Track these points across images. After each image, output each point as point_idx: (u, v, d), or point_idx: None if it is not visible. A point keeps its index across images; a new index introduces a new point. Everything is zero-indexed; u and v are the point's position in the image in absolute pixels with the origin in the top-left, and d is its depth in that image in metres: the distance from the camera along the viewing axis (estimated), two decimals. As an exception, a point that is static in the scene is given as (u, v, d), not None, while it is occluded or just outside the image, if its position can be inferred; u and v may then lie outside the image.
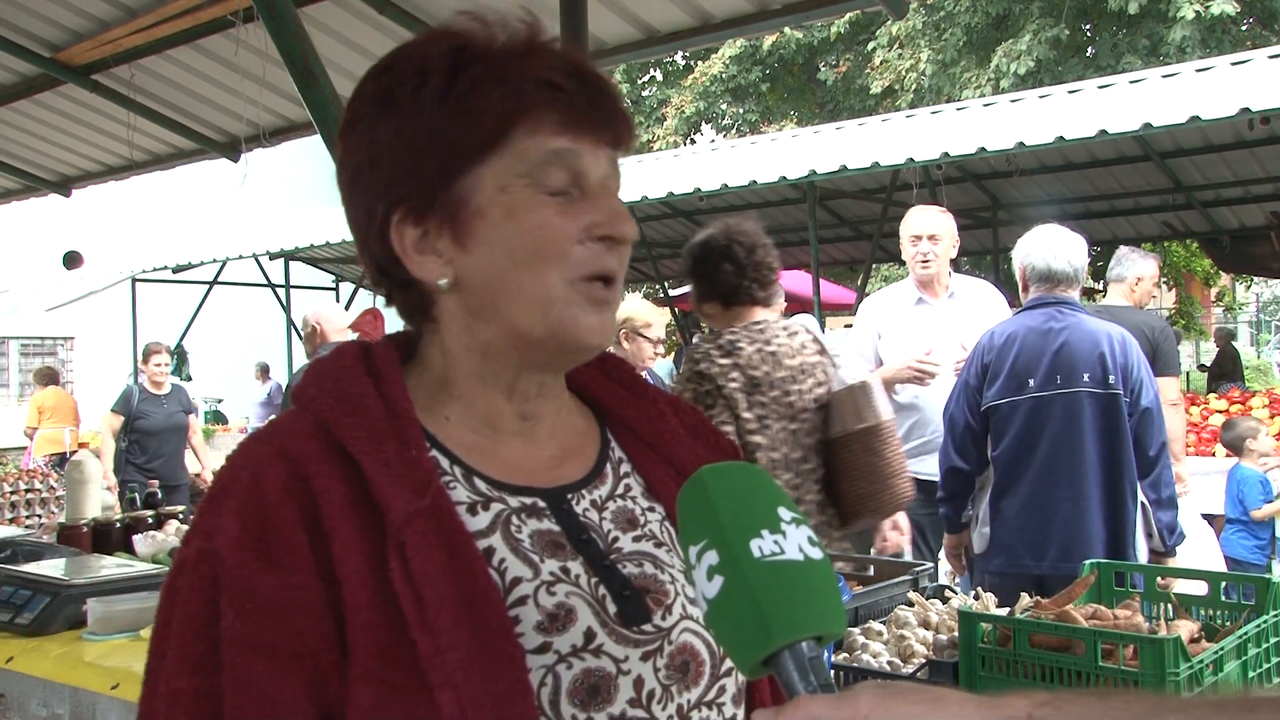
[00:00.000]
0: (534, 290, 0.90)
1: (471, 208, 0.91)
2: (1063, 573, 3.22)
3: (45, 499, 5.48)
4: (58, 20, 4.86)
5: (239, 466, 0.88)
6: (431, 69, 0.90)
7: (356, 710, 0.80)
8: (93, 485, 3.86)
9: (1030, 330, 3.42)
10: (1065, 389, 3.33)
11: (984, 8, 15.45)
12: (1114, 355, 3.35)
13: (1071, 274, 3.47)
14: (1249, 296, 25.72)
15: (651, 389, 1.09)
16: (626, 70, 19.51)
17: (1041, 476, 3.34)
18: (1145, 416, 3.37)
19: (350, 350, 0.97)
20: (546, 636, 0.86)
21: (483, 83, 0.89)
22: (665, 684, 0.90)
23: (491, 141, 0.90)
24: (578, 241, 0.91)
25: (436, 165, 0.90)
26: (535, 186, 0.90)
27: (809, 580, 0.76)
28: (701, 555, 0.77)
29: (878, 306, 4.38)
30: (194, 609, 0.83)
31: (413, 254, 0.92)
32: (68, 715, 2.53)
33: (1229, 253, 11.30)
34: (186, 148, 6.27)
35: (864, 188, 10.14)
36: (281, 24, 3.57)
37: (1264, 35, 14.84)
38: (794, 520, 0.78)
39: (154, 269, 13.43)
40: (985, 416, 3.46)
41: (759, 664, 0.74)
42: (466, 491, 0.92)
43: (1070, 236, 3.54)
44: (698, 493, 0.80)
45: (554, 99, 0.90)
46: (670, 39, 4.69)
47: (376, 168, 0.92)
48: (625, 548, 0.95)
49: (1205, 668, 1.83)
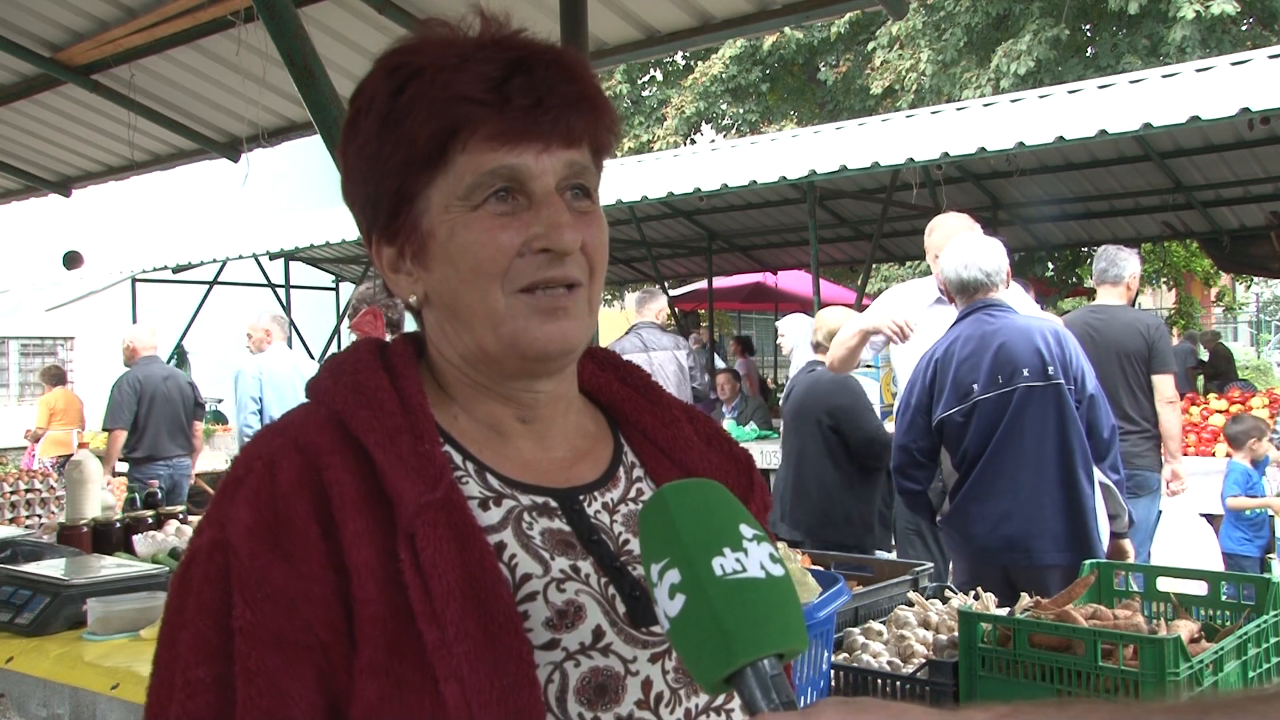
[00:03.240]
0: (481, 306, 0.91)
1: (424, 229, 0.92)
2: (1026, 565, 3.34)
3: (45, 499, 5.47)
4: (58, 20, 4.85)
5: (254, 456, 0.89)
6: (377, 92, 0.92)
7: (362, 702, 0.80)
8: (93, 485, 3.86)
9: (965, 339, 3.51)
10: (1007, 387, 3.40)
11: (984, 8, 15.44)
12: (1049, 348, 3.42)
13: (984, 280, 3.55)
14: (1249, 296, 25.71)
15: (666, 395, 1.09)
16: (626, 70, 19.50)
17: (997, 475, 3.40)
18: (1092, 403, 3.45)
19: (367, 345, 0.98)
20: (555, 633, 0.86)
21: (415, 104, 0.90)
22: (674, 687, 0.90)
23: (430, 163, 0.90)
24: (518, 254, 0.90)
25: (389, 189, 0.92)
26: (472, 204, 0.90)
27: (770, 598, 0.75)
28: (664, 574, 0.77)
29: (898, 297, 4.44)
30: (208, 598, 0.83)
31: (389, 272, 0.96)
32: (68, 715, 2.53)
33: (1229, 253, 11.30)
34: (186, 148, 6.27)
35: (864, 188, 10.13)
36: (281, 24, 3.57)
37: (1264, 35, 14.83)
38: (755, 537, 0.78)
39: (154, 269, 13.42)
40: (938, 432, 3.52)
41: (721, 682, 0.74)
42: (479, 487, 0.92)
43: (983, 243, 3.63)
44: (659, 511, 0.80)
45: (482, 114, 0.89)
46: (670, 39, 4.69)
47: (351, 186, 0.96)
48: (635, 550, 0.95)
49: (1205, 668, 1.83)
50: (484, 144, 0.89)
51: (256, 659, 0.80)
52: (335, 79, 3.69)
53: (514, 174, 0.90)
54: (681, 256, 14.52)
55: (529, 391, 0.97)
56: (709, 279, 13.92)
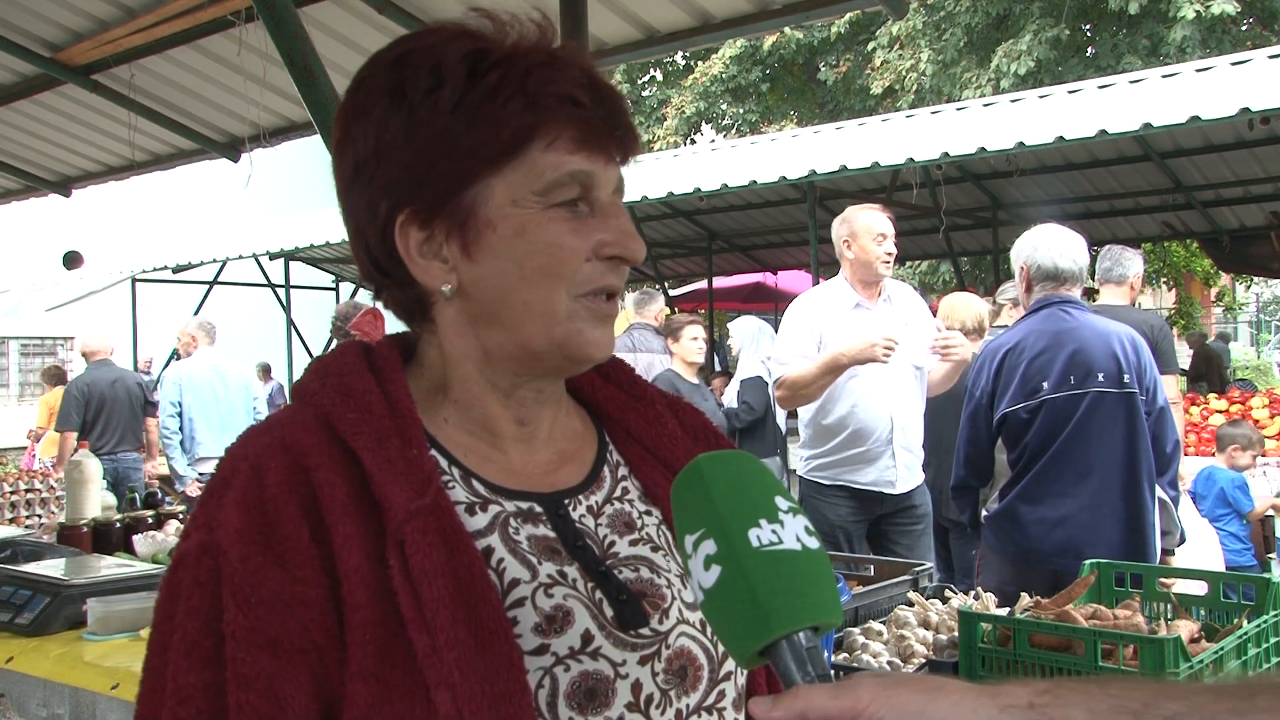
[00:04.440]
0: (541, 305, 0.90)
1: (481, 218, 0.89)
2: (1077, 569, 3.21)
3: (45, 499, 5.47)
4: (58, 20, 4.85)
5: (239, 458, 0.87)
6: (448, 71, 0.88)
7: (353, 709, 0.79)
8: (93, 485, 3.86)
9: (1039, 334, 3.38)
10: (1080, 389, 3.29)
11: (984, 8, 15.44)
12: (1127, 354, 3.32)
13: (1077, 272, 3.44)
14: (1249, 296, 25.70)
15: (651, 391, 1.08)
16: (626, 70, 19.50)
17: (1058, 477, 3.30)
18: (1161, 415, 3.36)
19: (352, 349, 0.96)
20: (544, 638, 0.86)
21: (501, 92, 0.88)
22: (664, 688, 0.90)
23: (507, 153, 0.88)
24: (585, 259, 0.91)
25: (448, 171, 0.89)
26: (548, 203, 0.89)
27: (807, 570, 0.75)
28: (698, 545, 0.77)
29: (815, 308, 4.11)
30: (198, 603, 0.82)
31: (417, 257, 0.91)
32: (68, 715, 2.52)
33: (1229, 253, 11.30)
34: (186, 148, 6.27)
35: (864, 188, 10.13)
36: (281, 24, 3.57)
37: (1264, 35, 14.84)
38: (791, 510, 0.78)
39: (154, 269, 13.43)
40: (998, 426, 3.41)
41: (756, 654, 0.74)
42: (465, 492, 0.91)
43: (1073, 235, 3.52)
44: (694, 481, 0.80)
45: (573, 116, 0.89)
46: (670, 39, 4.69)
47: (383, 163, 0.90)
48: (622, 552, 0.95)
49: (1205, 668, 1.83)
50: (568, 145, 0.89)
51: (251, 664, 0.79)
52: (335, 79, 3.69)
53: (588, 180, 0.90)
54: (681, 256, 14.53)
55: (536, 390, 0.96)
56: (709, 279, 13.93)
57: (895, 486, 4.01)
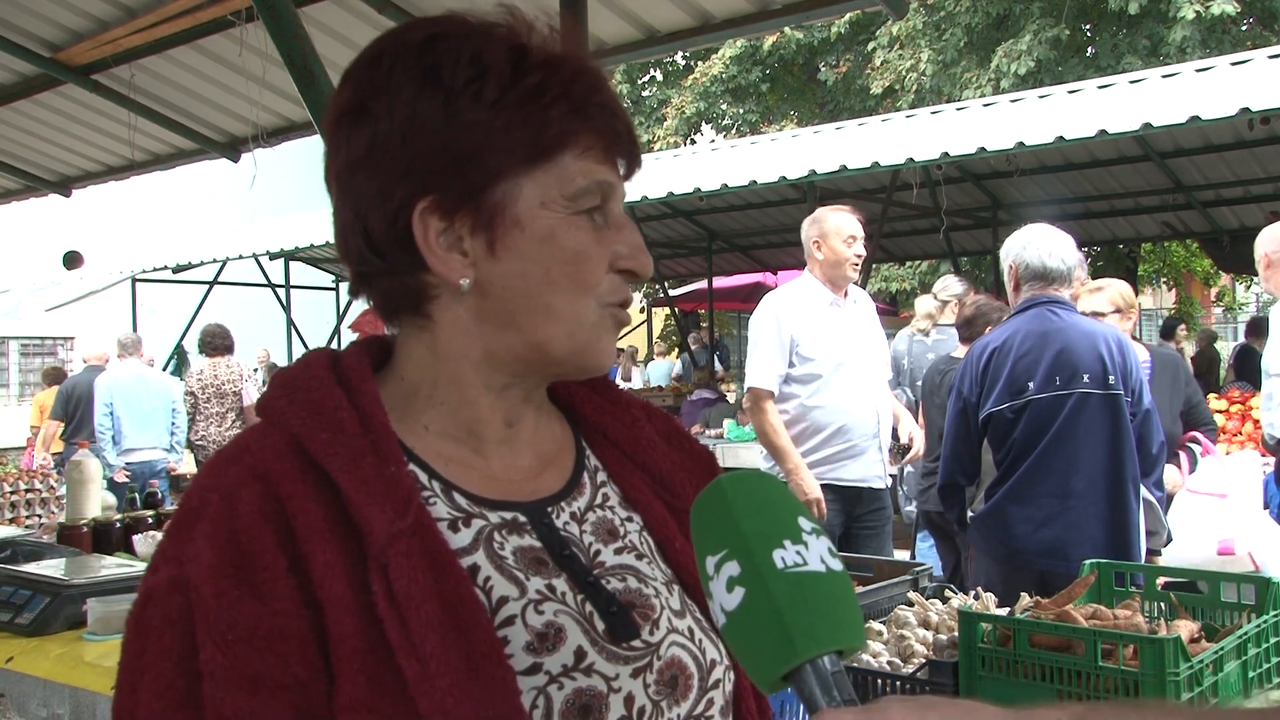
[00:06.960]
0: (566, 311, 0.89)
1: (509, 216, 0.87)
2: (1064, 572, 3.20)
3: (45, 499, 5.46)
4: (58, 20, 4.85)
5: (208, 489, 0.83)
6: (492, 64, 0.86)
7: None
8: (93, 485, 3.86)
9: (1026, 334, 3.38)
10: (1065, 390, 3.30)
11: (984, 8, 15.45)
12: (1113, 356, 3.32)
13: (1065, 272, 3.44)
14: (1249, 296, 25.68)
15: (625, 395, 1.06)
16: (626, 70, 19.52)
17: (1043, 478, 3.31)
18: (1146, 417, 3.37)
19: (318, 359, 0.92)
20: (536, 657, 0.84)
21: (548, 94, 0.86)
22: (655, 699, 0.88)
23: (544, 155, 0.87)
24: (606, 271, 0.91)
25: (483, 165, 0.87)
26: (574, 209, 0.88)
27: (831, 592, 0.73)
28: (721, 566, 0.74)
29: (788, 308, 4.11)
30: (169, 642, 0.78)
31: (436, 248, 0.88)
32: (68, 715, 2.52)
33: (1229, 253, 11.32)
34: (186, 148, 6.26)
35: (864, 188, 10.13)
36: (281, 24, 3.57)
37: (1264, 35, 14.84)
38: (814, 530, 0.76)
39: (154, 269, 13.44)
40: (984, 425, 3.42)
41: (779, 679, 0.72)
42: (447, 507, 0.88)
43: (1062, 235, 3.51)
44: (717, 501, 0.77)
45: (607, 126, 0.89)
46: (670, 39, 4.69)
47: (408, 145, 0.87)
48: (608, 561, 0.93)
49: (1205, 668, 1.83)
50: (597, 155, 0.89)
51: (231, 704, 0.76)
52: (335, 79, 3.68)
53: (609, 191, 0.90)
54: (681, 256, 14.53)
55: (524, 391, 0.95)
56: (709, 279, 13.93)
57: (878, 481, 4.10)
